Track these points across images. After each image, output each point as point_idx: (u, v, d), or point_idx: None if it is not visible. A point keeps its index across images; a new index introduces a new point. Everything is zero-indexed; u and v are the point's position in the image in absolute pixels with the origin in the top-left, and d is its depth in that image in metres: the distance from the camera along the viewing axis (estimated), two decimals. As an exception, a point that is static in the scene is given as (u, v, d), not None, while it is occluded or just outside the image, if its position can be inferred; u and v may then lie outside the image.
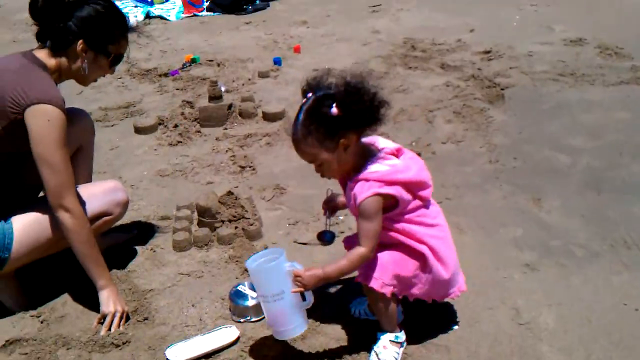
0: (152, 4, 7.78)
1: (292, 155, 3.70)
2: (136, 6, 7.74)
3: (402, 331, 2.25)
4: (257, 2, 7.55)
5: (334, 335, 2.35)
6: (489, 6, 6.78)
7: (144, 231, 3.15)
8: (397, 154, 2.11)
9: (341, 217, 3.09)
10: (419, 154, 3.55)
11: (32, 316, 2.60)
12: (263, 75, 5.13)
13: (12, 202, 2.54)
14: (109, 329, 2.46)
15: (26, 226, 2.49)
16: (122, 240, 3.08)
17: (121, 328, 2.48)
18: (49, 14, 2.42)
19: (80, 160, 2.86)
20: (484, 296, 2.52)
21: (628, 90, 4.41)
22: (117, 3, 7.60)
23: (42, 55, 2.47)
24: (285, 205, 3.32)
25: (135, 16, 7.26)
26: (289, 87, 4.89)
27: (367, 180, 2.00)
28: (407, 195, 2.04)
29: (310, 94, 2.00)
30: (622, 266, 2.67)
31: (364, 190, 1.98)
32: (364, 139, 2.07)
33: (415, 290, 2.16)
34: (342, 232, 2.96)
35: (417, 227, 2.10)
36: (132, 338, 2.44)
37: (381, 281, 2.08)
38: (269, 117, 4.30)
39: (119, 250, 2.99)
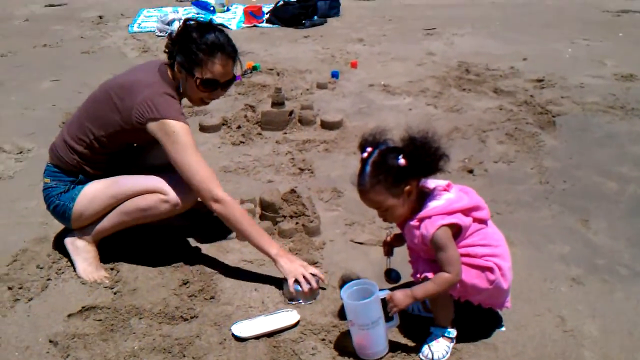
0: (214, 12, 8.10)
1: (349, 162, 3.96)
2: (198, 14, 8.04)
3: (454, 328, 2.41)
4: (315, 17, 7.80)
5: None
6: (541, 38, 6.92)
7: (208, 221, 3.35)
8: (448, 189, 2.32)
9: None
10: (471, 171, 3.77)
11: (106, 287, 2.82)
12: (321, 86, 5.34)
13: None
14: (310, 285, 2.67)
15: (95, 190, 2.83)
16: (177, 224, 3.27)
17: (321, 276, 2.73)
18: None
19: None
20: (531, 304, 2.66)
21: (677, 127, 4.51)
22: (180, 10, 7.93)
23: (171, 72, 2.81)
24: (342, 207, 3.50)
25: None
26: (346, 100, 5.10)
27: (429, 217, 2.21)
28: (467, 220, 2.25)
29: (369, 149, 2.23)
30: (664, 287, 2.80)
31: (430, 227, 2.20)
32: None
33: (477, 297, 2.36)
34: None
35: (482, 248, 2.30)
36: (200, 314, 2.64)
37: None
38: (327, 126, 4.50)
39: (185, 234, 3.20)
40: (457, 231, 2.25)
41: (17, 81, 5.77)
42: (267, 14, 7.89)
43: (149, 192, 2.78)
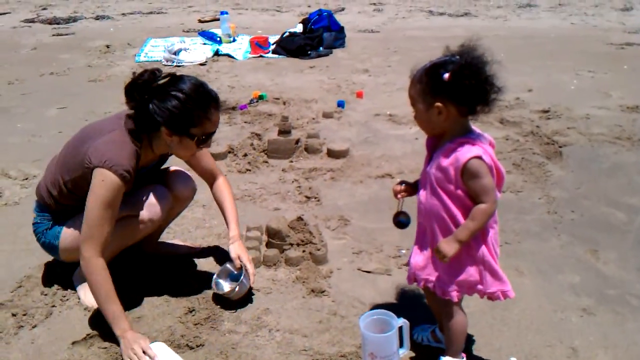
0: (220, 42, 8.16)
1: (356, 190, 3.95)
2: (204, 44, 8.12)
3: (464, 357, 2.37)
4: (321, 48, 7.87)
5: (398, 356, 2.48)
6: (546, 69, 6.96)
7: (215, 248, 3.33)
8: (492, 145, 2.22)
9: (403, 251, 3.24)
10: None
11: (112, 314, 2.78)
12: (327, 115, 5.35)
13: None
14: None
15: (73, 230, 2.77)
16: (183, 252, 3.28)
17: None
18: (133, 96, 2.62)
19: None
20: (542, 335, 2.63)
21: (684, 158, 4.50)
22: (187, 40, 8.00)
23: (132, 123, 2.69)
24: (349, 235, 3.47)
25: (204, 53, 7.62)
26: (352, 129, 5.10)
27: (473, 144, 2.10)
28: (494, 181, 2.14)
29: (455, 57, 2.11)
30: (676, 318, 2.76)
31: (470, 151, 2.08)
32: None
33: (479, 287, 2.26)
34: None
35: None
36: (206, 342, 2.61)
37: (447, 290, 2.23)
38: (333, 154, 4.50)
39: (191, 262, 3.18)
40: None
41: (24, 108, 5.80)
42: (273, 44, 7.95)
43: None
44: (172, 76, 2.65)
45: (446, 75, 2.07)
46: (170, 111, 2.55)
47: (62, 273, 3.04)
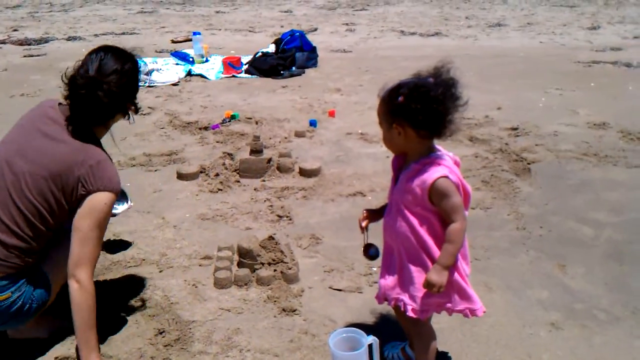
0: (192, 62, 8.18)
1: (327, 208, 3.97)
2: (177, 64, 8.13)
3: (434, 375, 2.38)
4: (293, 68, 7.92)
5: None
6: (515, 88, 7.08)
7: (185, 268, 3.32)
8: (457, 164, 2.24)
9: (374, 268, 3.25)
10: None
11: (80, 337, 2.75)
12: (299, 134, 5.38)
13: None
14: None
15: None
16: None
17: None
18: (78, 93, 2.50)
19: None
20: (511, 350, 2.65)
21: (651, 173, 4.60)
22: (159, 61, 7.99)
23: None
24: (320, 253, 3.48)
25: (177, 73, 7.62)
26: (323, 147, 5.13)
27: (438, 164, 2.12)
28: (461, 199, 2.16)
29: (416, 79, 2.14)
30: (642, 332, 2.80)
31: (436, 171, 2.10)
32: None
33: (448, 305, 2.26)
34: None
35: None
36: (175, 364, 2.59)
37: (417, 309, 2.23)
38: (305, 173, 4.52)
39: (158, 282, 3.16)
40: None
41: (-7, 130, 5.72)
42: (245, 64, 7.99)
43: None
44: (86, 61, 2.54)
45: (400, 98, 2.10)
46: (125, 86, 2.55)
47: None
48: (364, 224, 2.40)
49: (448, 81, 2.11)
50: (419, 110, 2.06)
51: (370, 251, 2.42)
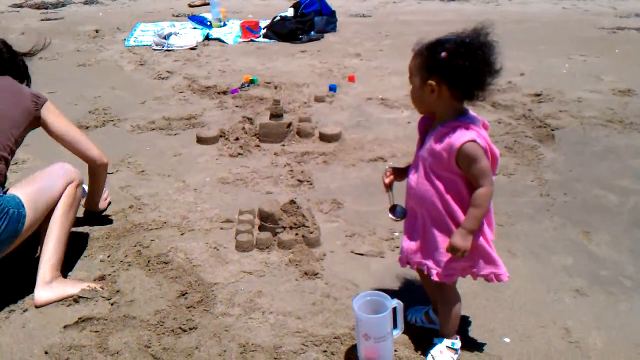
0: (210, 26, 8.10)
1: (348, 173, 3.93)
2: (195, 28, 8.05)
3: (458, 338, 2.37)
4: (312, 33, 7.82)
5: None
6: (538, 54, 6.94)
7: (206, 231, 3.31)
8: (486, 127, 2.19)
9: (396, 234, 3.23)
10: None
11: (103, 298, 2.77)
12: (319, 99, 5.32)
13: None
14: None
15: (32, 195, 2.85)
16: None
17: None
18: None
19: None
20: (535, 316, 2.63)
21: (676, 141, 4.51)
22: (177, 24, 7.96)
23: None
24: (341, 218, 3.46)
25: (195, 37, 7.56)
26: (344, 112, 5.08)
27: (466, 128, 2.07)
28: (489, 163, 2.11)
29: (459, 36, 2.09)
30: (669, 299, 2.77)
31: (464, 135, 2.05)
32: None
33: (472, 270, 2.25)
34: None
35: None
36: (199, 325, 2.59)
37: (441, 273, 2.22)
38: (325, 138, 4.48)
39: (180, 245, 3.16)
40: None
41: (13, 93, 5.72)
42: (264, 29, 7.89)
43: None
44: None
45: (443, 54, 2.04)
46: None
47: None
48: (387, 180, 2.35)
49: (489, 43, 2.05)
50: (464, 68, 2.01)
51: (396, 210, 2.37)
